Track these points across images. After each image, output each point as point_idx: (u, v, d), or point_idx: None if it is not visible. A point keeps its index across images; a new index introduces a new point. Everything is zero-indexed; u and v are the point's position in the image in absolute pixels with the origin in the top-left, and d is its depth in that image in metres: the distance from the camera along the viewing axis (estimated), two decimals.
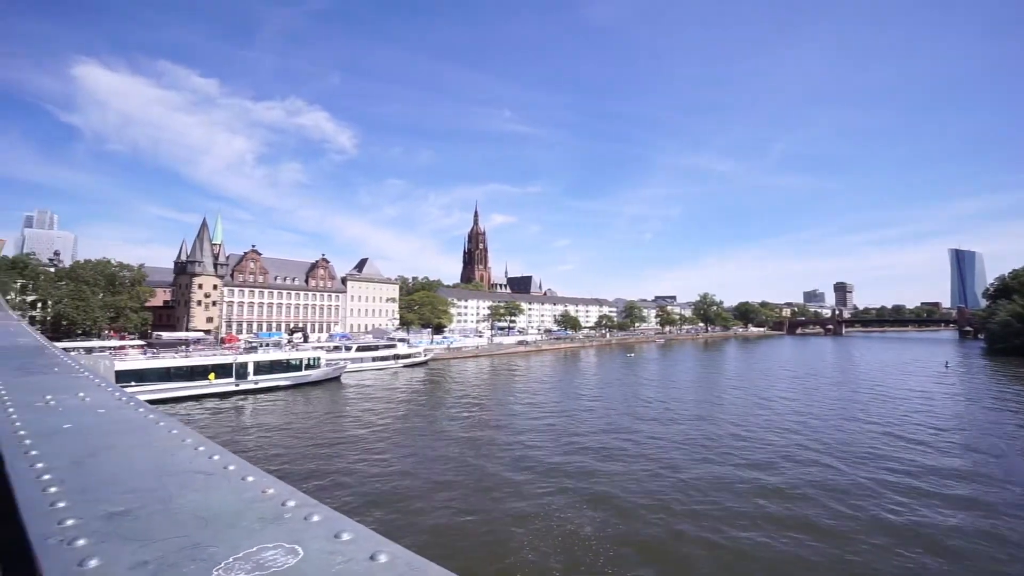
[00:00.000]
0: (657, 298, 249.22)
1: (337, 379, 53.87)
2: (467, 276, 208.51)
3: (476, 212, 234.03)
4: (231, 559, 0.86)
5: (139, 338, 70.77)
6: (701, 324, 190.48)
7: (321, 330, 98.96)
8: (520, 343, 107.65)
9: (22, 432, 1.54)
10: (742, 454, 25.71)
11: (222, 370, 43.60)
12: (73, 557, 0.85)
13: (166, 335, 70.17)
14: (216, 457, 1.42)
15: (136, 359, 42.95)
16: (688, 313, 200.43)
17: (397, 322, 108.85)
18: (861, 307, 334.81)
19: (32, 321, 63.81)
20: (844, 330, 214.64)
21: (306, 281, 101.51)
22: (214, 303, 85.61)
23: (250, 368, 45.54)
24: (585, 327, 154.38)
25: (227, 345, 64.44)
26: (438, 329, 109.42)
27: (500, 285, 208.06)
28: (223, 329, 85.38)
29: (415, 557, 0.88)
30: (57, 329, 69.35)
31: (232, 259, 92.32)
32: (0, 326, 5.07)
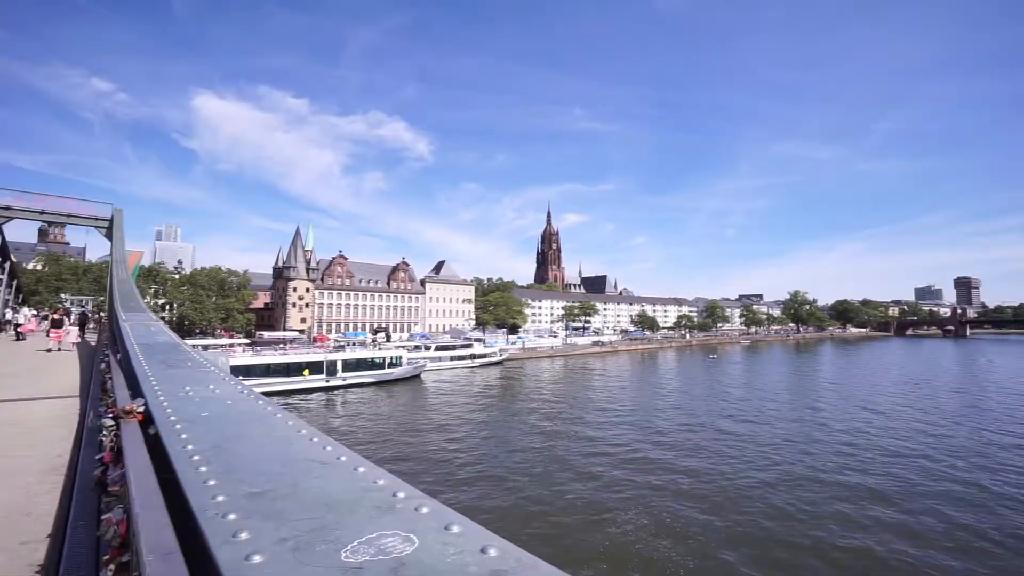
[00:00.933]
0: (741, 297, 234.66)
1: (418, 377, 56.25)
2: (541, 276, 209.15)
3: (548, 212, 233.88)
4: (355, 543, 0.94)
5: (244, 337, 78.36)
6: (792, 324, 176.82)
7: (402, 330, 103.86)
8: (595, 344, 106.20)
9: (173, 418, 1.79)
10: (852, 460, 23.60)
11: (315, 367, 47.14)
12: (228, 528, 0.97)
13: (267, 334, 77.25)
14: (328, 448, 1.54)
15: (243, 356, 47.62)
16: (777, 312, 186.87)
17: (473, 322, 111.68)
18: (991, 305, 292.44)
19: (162, 321, 72.84)
20: (969, 331, 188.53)
21: (388, 283, 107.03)
22: (307, 305, 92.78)
23: (339, 365, 48.84)
24: (663, 327, 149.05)
25: (318, 344, 69.55)
26: (513, 329, 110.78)
27: (574, 285, 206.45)
28: (315, 329, 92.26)
29: (524, 553, 0.91)
30: (180, 329, 78.59)
31: (322, 264, 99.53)
32: (144, 326, 5.86)
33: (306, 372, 46.41)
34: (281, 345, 61.32)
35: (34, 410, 7.11)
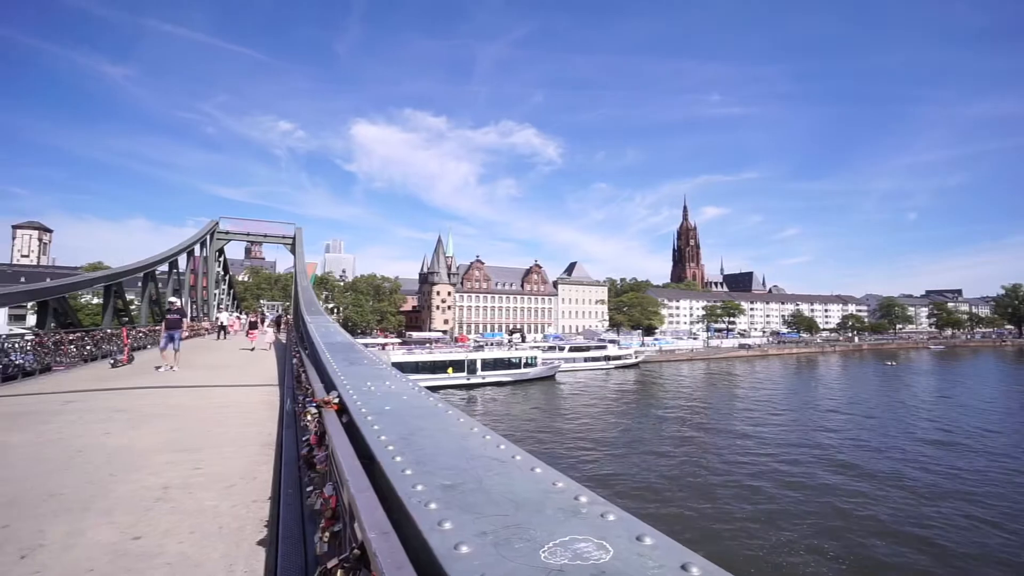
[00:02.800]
0: (929, 293, 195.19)
1: (552, 377, 57.09)
2: (677, 275, 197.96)
3: (685, 207, 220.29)
4: (551, 544, 0.95)
5: (396, 337, 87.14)
6: (1011, 327, 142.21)
7: (535, 331, 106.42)
8: (741, 346, 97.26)
9: (364, 410, 2.04)
10: None
11: (457, 365, 50.60)
12: (432, 516, 1.05)
13: (415, 335, 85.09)
14: (502, 447, 1.60)
15: (397, 354, 53.00)
16: (985, 312, 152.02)
17: (606, 323, 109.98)
18: None
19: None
20: None
21: (522, 285, 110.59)
22: (449, 307, 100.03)
23: (479, 364, 51.75)
24: (824, 329, 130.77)
25: (459, 344, 74.51)
26: (648, 331, 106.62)
27: (715, 283, 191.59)
28: (456, 330, 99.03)
29: (727, 574, 0.84)
30: (344, 329, 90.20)
31: (461, 268, 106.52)
32: (325, 327, 6.86)
33: (450, 370, 50.03)
34: (428, 344, 66.95)
35: (249, 395, 8.72)
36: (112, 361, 12.64)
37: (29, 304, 36.41)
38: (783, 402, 42.54)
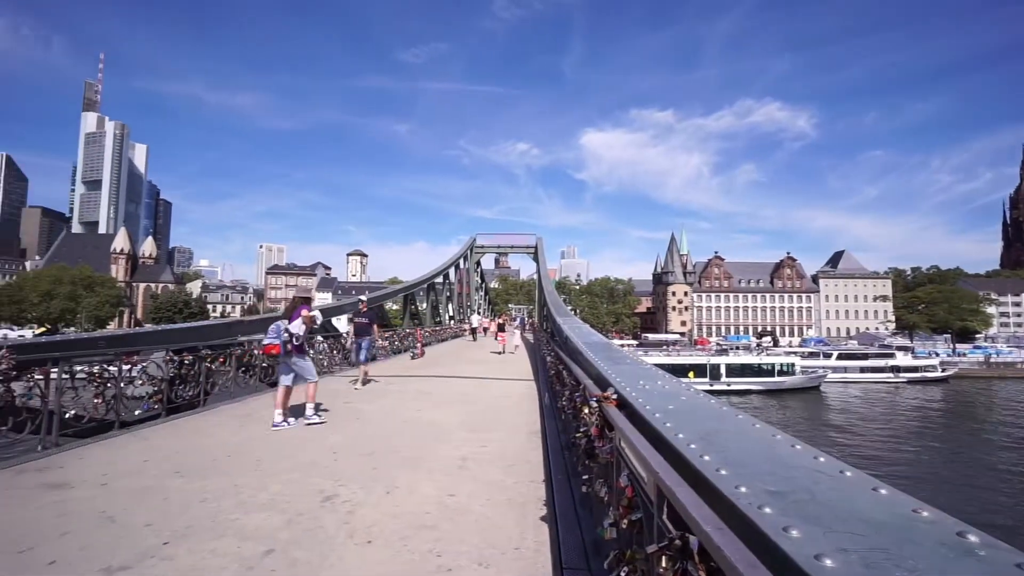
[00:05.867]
0: None
1: (816, 389, 48.48)
2: (1012, 259, 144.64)
3: None
4: None
5: (632, 339, 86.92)
6: None
7: (789, 334, 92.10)
8: None
9: (648, 407, 2.09)
10: None
11: (699, 370, 47.46)
12: (774, 521, 1.00)
13: (651, 336, 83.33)
14: (822, 459, 1.43)
15: (639, 356, 52.79)
16: None
17: (892, 325, 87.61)
18: None
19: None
20: None
21: (771, 282, 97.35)
22: (685, 308, 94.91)
23: (722, 369, 47.53)
24: None
25: (699, 347, 69.80)
26: (963, 335, 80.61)
27: None
28: (695, 332, 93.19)
29: None
30: None
31: (698, 267, 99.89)
32: (578, 328, 7.35)
33: (691, 375, 47.32)
34: (665, 347, 64.83)
35: (513, 388, 9.94)
36: (412, 354, 16.08)
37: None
38: None
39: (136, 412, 5.98)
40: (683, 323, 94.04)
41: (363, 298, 11.24)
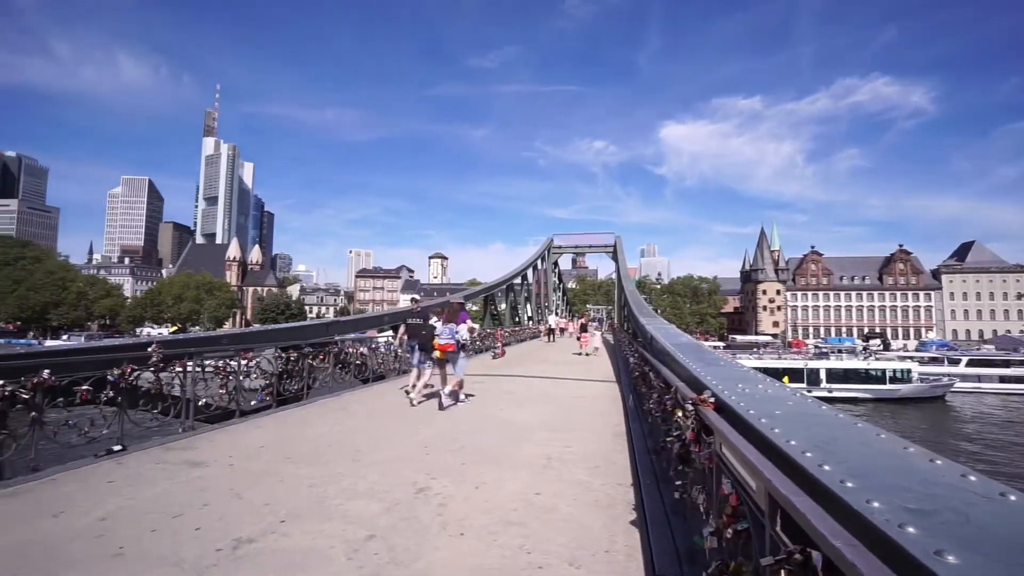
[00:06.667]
0: None
1: (940, 399, 42.83)
2: None
3: None
4: None
5: (718, 340, 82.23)
6: None
7: (903, 336, 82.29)
8: None
9: (752, 412, 1.96)
10: None
11: (794, 375, 43.72)
12: (920, 543, 0.90)
13: (739, 338, 78.23)
14: (973, 478, 1.26)
15: None
16: None
17: None
18: None
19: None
20: None
21: (879, 279, 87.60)
22: (778, 308, 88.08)
23: (822, 375, 43.47)
24: None
25: (794, 350, 64.45)
26: None
27: None
28: (788, 333, 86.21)
29: None
30: None
31: (791, 263, 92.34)
32: (664, 328, 7.09)
33: (785, 379, 43.76)
34: (755, 349, 60.68)
35: (593, 389, 9.81)
36: (493, 354, 16.39)
37: None
38: None
39: (252, 403, 6.66)
40: (775, 324, 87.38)
41: (416, 297, 11.56)
